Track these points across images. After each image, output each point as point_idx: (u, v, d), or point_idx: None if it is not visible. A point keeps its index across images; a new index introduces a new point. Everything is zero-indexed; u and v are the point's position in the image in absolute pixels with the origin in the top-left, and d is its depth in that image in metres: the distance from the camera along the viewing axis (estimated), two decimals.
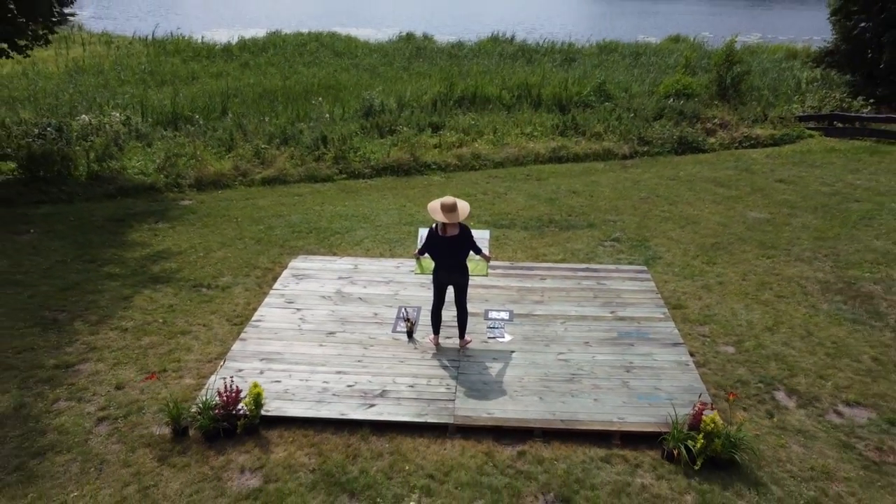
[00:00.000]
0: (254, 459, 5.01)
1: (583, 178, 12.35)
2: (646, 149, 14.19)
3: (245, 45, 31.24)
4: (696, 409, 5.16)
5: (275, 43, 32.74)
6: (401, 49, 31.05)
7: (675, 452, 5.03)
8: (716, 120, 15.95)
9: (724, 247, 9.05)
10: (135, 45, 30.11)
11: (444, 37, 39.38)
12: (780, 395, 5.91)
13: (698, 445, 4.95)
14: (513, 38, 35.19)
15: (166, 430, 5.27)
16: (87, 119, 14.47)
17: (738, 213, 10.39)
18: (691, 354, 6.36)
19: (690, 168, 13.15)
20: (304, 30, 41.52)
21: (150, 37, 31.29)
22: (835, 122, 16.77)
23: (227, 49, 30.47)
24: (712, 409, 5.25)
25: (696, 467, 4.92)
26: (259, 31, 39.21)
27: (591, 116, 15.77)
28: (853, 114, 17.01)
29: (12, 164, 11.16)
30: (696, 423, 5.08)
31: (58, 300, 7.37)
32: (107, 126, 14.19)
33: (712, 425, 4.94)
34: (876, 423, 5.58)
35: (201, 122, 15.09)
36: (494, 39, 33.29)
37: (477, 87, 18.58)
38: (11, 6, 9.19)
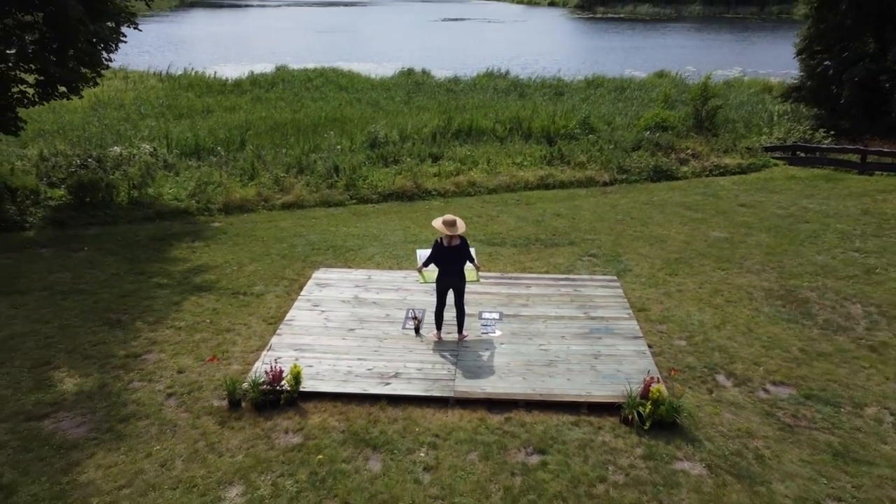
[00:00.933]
0: (295, 423, 6.31)
1: (566, 203, 13.84)
2: (624, 176, 15.73)
3: (255, 81, 33.01)
4: (646, 381, 6.51)
5: (283, 78, 34.53)
6: (401, 84, 32.87)
7: (630, 417, 6.36)
8: (688, 150, 17.55)
9: (686, 261, 10.47)
10: (150, 80, 31.85)
11: (441, 72, 41.29)
12: (720, 377, 7.25)
13: (647, 411, 6.28)
14: (507, 73, 37.03)
15: (224, 403, 6.58)
16: (118, 150, 15.97)
17: (701, 233, 11.84)
18: (649, 346, 7.72)
19: (663, 194, 14.66)
20: (310, 65, 43.53)
21: (164, 72, 33.08)
22: (798, 152, 18.39)
23: (238, 84, 32.24)
24: (658, 382, 6.60)
25: (646, 427, 6.25)
26: (267, 67, 41.18)
27: (575, 147, 17.36)
28: (814, 145, 18.63)
29: (61, 192, 12.58)
30: (645, 393, 6.42)
31: (118, 305, 8.71)
32: (137, 157, 15.69)
33: (658, 394, 6.29)
34: (795, 397, 6.92)
35: (223, 154, 16.62)
36: (489, 75, 35.13)
37: (472, 120, 20.18)
38: (73, 61, 10.71)
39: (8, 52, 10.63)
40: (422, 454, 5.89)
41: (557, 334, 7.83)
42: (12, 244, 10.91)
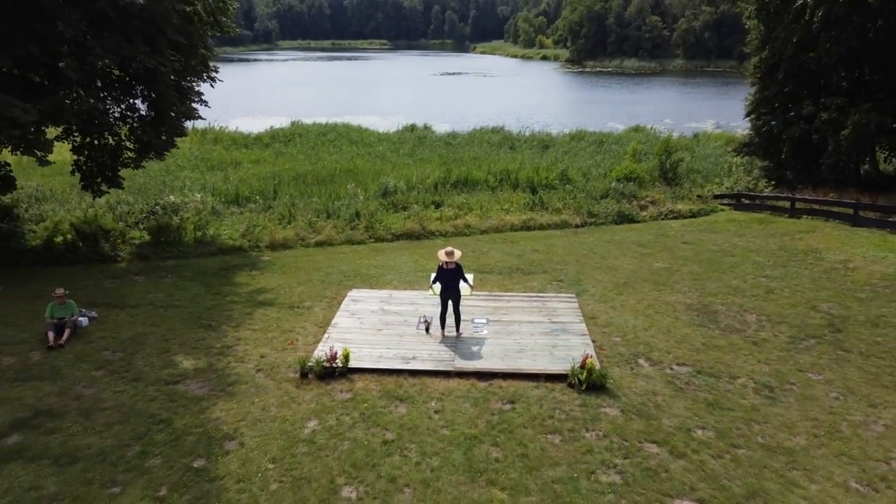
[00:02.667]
0: (346, 386, 9.34)
1: (543, 241, 17.10)
2: (593, 220, 19.05)
3: (275, 135, 36.75)
4: (584, 357, 9.59)
5: (299, 133, 38.27)
6: (405, 138, 36.58)
7: (572, 382, 9.40)
8: (648, 198, 20.95)
9: (631, 284, 13.65)
10: None
11: (441, 126, 45.26)
12: (641, 360, 10.32)
13: (584, 377, 9.34)
14: (501, 128, 40.87)
15: (296, 375, 9.61)
16: (173, 199, 19.31)
17: (647, 264, 15.05)
18: (593, 341, 10.80)
19: (623, 234, 17.96)
20: (321, 119, 47.54)
21: (191, 126, 36.82)
22: (742, 199, 21.79)
23: (259, 138, 35.93)
24: (591, 357, 9.69)
25: (583, 388, 9.29)
26: (282, 120, 45.09)
27: (554, 196, 20.75)
28: (755, 193, 22.07)
29: (140, 232, 15.82)
30: (583, 364, 9.49)
31: (206, 315, 11.82)
32: (189, 204, 19.03)
33: (591, 365, 9.37)
34: (690, 372, 9.97)
35: (261, 201, 19.96)
36: (483, 130, 38.95)
37: (468, 172, 23.66)
38: (165, 133, 14.12)
39: (120, 129, 14.01)
40: (432, 403, 8.92)
41: (527, 332, 10.93)
42: (113, 273, 14.07)
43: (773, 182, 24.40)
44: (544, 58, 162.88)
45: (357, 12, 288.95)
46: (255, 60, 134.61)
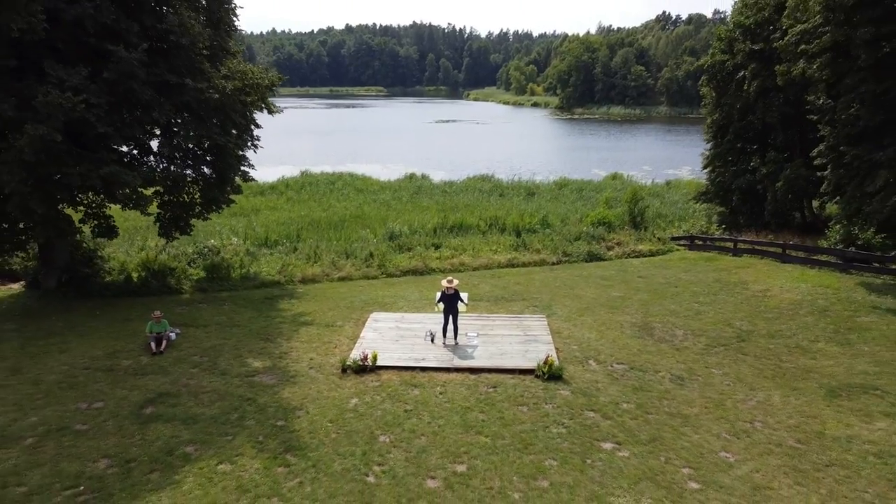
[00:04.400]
0: (375, 377, 12.91)
1: (525, 276, 20.87)
2: (567, 258, 22.87)
3: (287, 184, 40.74)
4: (546, 357, 13.24)
5: (309, 181, 42.28)
6: (405, 186, 40.66)
7: (538, 374, 13.02)
8: (614, 240, 24.85)
9: (591, 309, 17.37)
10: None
11: (438, 173, 49.51)
12: (590, 361, 13.94)
13: (546, 370, 12.96)
14: (492, 175, 45.04)
15: (338, 370, 13.19)
16: (213, 242, 23.05)
17: (606, 293, 18.80)
18: (557, 349, 14.43)
19: (591, 270, 21.77)
20: (327, 167, 51.73)
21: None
22: (695, 240, 25.72)
23: (273, 187, 39.91)
24: (550, 356, 13.34)
25: (545, 378, 12.89)
26: (290, 169, 49.18)
27: (535, 238, 24.63)
28: (706, 235, 26.02)
29: (196, 270, 19.50)
30: (546, 362, 13.12)
31: (262, 331, 15.43)
32: (227, 247, 22.77)
33: (551, 362, 13.02)
34: (626, 368, 13.59)
35: (288, 244, 23.74)
36: (475, 178, 43.13)
37: (463, 219, 27.57)
38: (227, 190, 17.99)
39: (193, 190, 17.87)
40: (437, 388, 12.50)
41: (507, 342, 14.58)
42: (180, 302, 17.69)
43: (723, 225, 28.44)
44: (535, 104, 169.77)
45: (354, 60, 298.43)
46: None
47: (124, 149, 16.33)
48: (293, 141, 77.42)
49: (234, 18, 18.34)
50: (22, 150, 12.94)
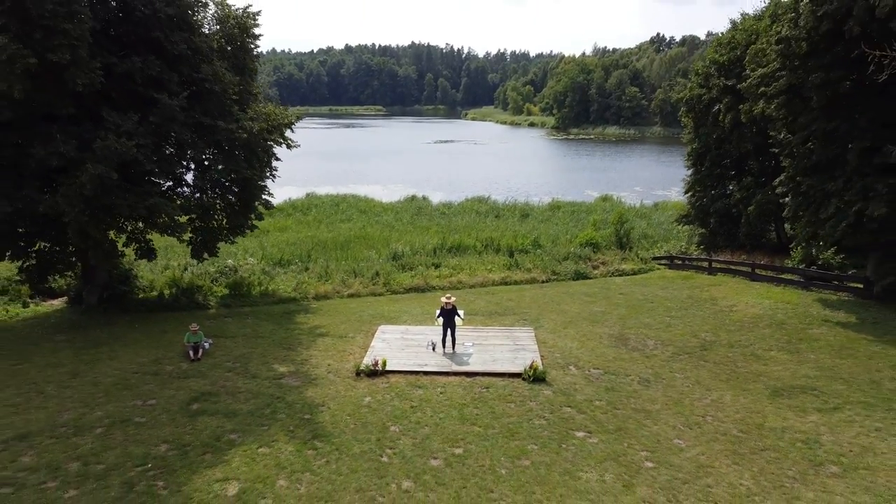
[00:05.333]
0: (385, 380, 15.03)
1: (516, 293, 23.04)
2: (555, 277, 25.05)
3: (294, 206, 43.03)
4: (532, 363, 15.37)
5: (314, 203, 44.56)
6: (406, 208, 42.94)
7: (525, 377, 15.15)
8: (599, 259, 27.07)
9: (574, 322, 19.52)
10: None
11: (437, 195, 51.78)
12: (571, 367, 16.07)
13: (532, 373, 15.09)
14: (488, 197, 47.36)
15: (353, 374, 15.31)
16: (231, 262, 25.23)
17: (589, 308, 20.97)
18: (542, 356, 16.56)
19: (577, 287, 23.95)
20: (330, 188, 53.95)
21: None
22: (675, 260, 27.94)
23: (280, 209, 42.08)
24: (536, 363, 15.48)
25: (531, 380, 15.01)
26: (296, 191, 51.39)
27: (526, 258, 26.84)
28: (684, 255, 28.25)
29: (220, 287, 21.65)
30: (531, 366, 15.26)
31: (284, 341, 17.56)
32: (244, 266, 24.95)
33: (536, 366, 15.16)
34: (601, 373, 15.70)
35: (300, 263, 25.92)
36: (472, 200, 45.43)
37: (460, 240, 29.80)
38: (252, 217, 20.25)
39: (221, 217, 20.11)
40: (438, 389, 14.61)
41: (499, 350, 16.71)
42: (208, 316, 19.82)
43: (703, 246, 30.70)
44: (532, 124, 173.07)
45: (354, 80, 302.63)
46: None
47: (164, 181, 18.58)
48: (296, 162, 79.76)
49: (256, 64, 20.73)
50: (83, 185, 15.17)
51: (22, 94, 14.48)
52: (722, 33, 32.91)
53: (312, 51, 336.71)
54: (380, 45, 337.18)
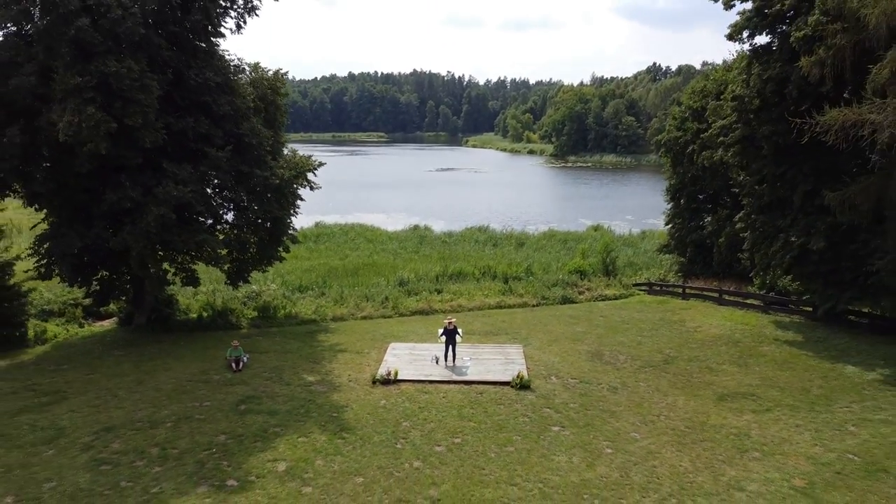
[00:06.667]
0: (396, 387, 18.06)
1: (509, 315, 26.14)
2: (545, 301, 28.17)
3: (305, 235, 46.12)
4: (519, 373, 18.44)
5: (324, 232, 47.75)
6: (410, 237, 46.16)
7: (513, 385, 18.19)
8: (585, 285, 30.20)
9: (557, 340, 22.59)
10: None
11: (439, 224, 55.06)
12: (552, 377, 19.11)
13: (519, 382, 18.13)
14: (487, 227, 50.59)
15: (370, 383, 18.36)
16: (255, 288, 28.38)
17: (571, 328, 24.05)
18: (528, 368, 19.59)
19: (563, 311, 27.05)
20: (338, 216, 57.22)
21: None
22: (653, 286, 31.05)
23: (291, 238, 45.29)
24: (523, 373, 18.54)
25: (518, 388, 18.05)
26: (304, 219, 54.51)
27: (519, 284, 29.98)
28: (662, 281, 31.37)
29: (250, 311, 24.79)
30: (518, 376, 18.31)
31: (310, 356, 20.64)
32: (266, 291, 28.11)
33: (522, 376, 18.22)
34: (577, 382, 18.74)
35: (316, 289, 29.07)
36: (472, 229, 48.64)
37: (460, 268, 32.98)
38: (279, 248, 23.47)
39: (255, 249, 23.37)
40: (441, 394, 17.64)
41: (492, 363, 19.77)
42: (241, 335, 22.90)
43: (681, 273, 33.86)
44: (531, 152, 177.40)
45: (357, 107, 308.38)
46: None
47: (208, 220, 21.87)
48: (303, 190, 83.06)
49: (285, 119, 24.19)
50: (149, 224, 18.43)
51: (104, 150, 17.81)
52: (714, 65, 36.41)
53: (316, 78, 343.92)
54: (382, 73, 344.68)
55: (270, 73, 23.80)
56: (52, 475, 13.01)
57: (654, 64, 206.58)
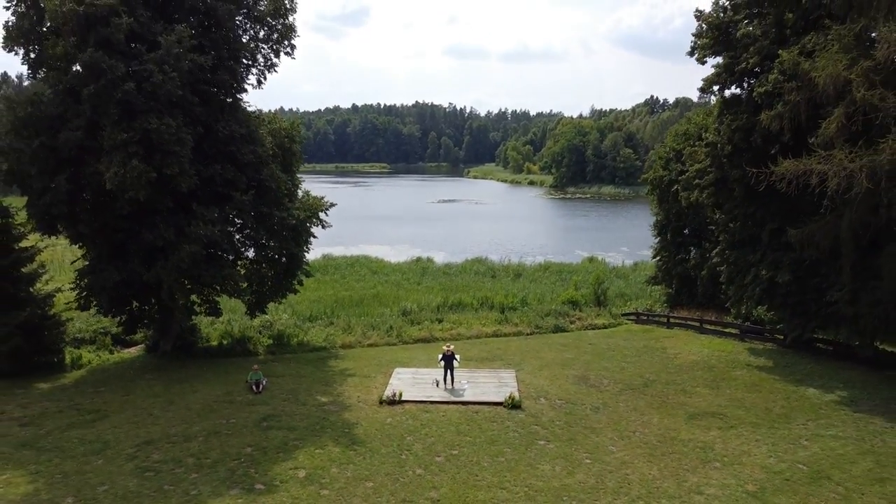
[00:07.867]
0: (401, 407, 20.12)
1: (504, 343, 28.27)
2: (538, 330, 30.29)
3: (314, 267, 48.42)
4: (510, 394, 20.51)
5: (330, 264, 49.95)
6: (413, 268, 48.40)
7: (505, 405, 20.24)
8: (576, 315, 32.35)
9: (548, 365, 24.68)
10: None
11: (440, 255, 57.34)
12: (541, 398, 21.16)
13: (510, 402, 20.19)
14: (486, 258, 52.85)
15: (377, 403, 20.43)
16: (268, 317, 30.58)
17: (561, 355, 26.14)
18: (520, 390, 21.65)
19: (555, 339, 29.18)
20: (342, 247, 59.44)
21: None
22: (640, 316, 33.17)
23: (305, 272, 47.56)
24: (514, 394, 20.62)
25: (510, 407, 20.10)
26: (313, 253, 56.86)
27: (514, 314, 32.14)
28: (649, 311, 33.51)
29: (265, 338, 26.97)
30: (510, 398, 20.38)
31: (323, 378, 22.74)
32: (277, 321, 30.31)
33: (513, 397, 20.30)
34: (563, 402, 20.80)
35: (325, 318, 31.26)
36: (472, 261, 50.87)
37: (460, 299, 35.19)
38: (295, 279, 25.78)
39: (271, 281, 25.67)
40: (441, 413, 19.69)
41: (487, 386, 21.85)
42: (259, 361, 25.03)
43: (667, 303, 36.02)
44: (531, 183, 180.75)
45: (359, 138, 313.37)
46: None
47: (231, 256, 24.25)
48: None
49: (300, 164, 26.74)
50: (182, 259, 20.77)
51: (143, 197, 20.26)
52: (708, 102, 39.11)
53: (319, 110, 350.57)
54: (385, 105, 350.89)
55: (287, 122, 26.40)
56: (104, 480, 15.08)
57: (652, 97, 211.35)
